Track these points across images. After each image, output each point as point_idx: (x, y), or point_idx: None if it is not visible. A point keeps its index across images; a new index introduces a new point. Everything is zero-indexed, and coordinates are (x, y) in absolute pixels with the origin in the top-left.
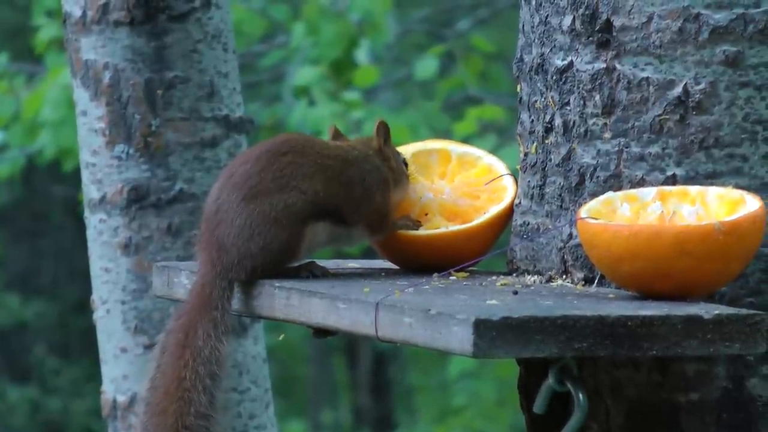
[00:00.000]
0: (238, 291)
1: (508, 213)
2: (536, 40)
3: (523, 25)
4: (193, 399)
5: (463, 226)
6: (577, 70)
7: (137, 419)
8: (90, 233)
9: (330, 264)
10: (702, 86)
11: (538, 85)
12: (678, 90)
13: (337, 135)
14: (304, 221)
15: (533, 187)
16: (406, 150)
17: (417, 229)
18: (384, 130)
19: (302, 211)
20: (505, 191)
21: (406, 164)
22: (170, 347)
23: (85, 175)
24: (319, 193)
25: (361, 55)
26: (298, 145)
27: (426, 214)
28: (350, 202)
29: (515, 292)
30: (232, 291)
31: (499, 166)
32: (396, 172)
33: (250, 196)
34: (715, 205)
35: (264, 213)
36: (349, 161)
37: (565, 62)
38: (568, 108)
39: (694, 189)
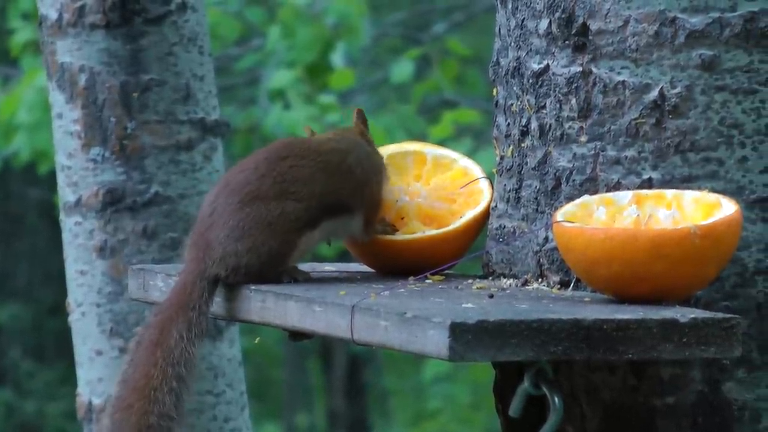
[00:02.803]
0: (216, 294)
1: (485, 217)
2: (512, 44)
3: (500, 29)
4: (158, 399)
5: (440, 231)
6: (554, 73)
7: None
8: (65, 236)
9: (306, 267)
10: (678, 90)
11: (514, 88)
12: (654, 94)
13: (361, 116)
14: (299, 231)
15: (509, 191)
16: (383, 152)
17: (393, 234)
18: (363, 116)
19: (298, 220)
20: (481, 195)
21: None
22: (144, 342)
23: (61, 178)
24: (318, 197)
25: (337, 58)
26: (296, 148)
27: (402, 218)
28: (352, 189)
29: (491, 296)
30: (212, 293)
31: (474, 169)
32: (381, 157)
33: (247, 200)
34: (691, 209)
35: (259, 217)
36: (346, 150)
37: (542, 66)
38: (545, 111)
39: (670, 193)
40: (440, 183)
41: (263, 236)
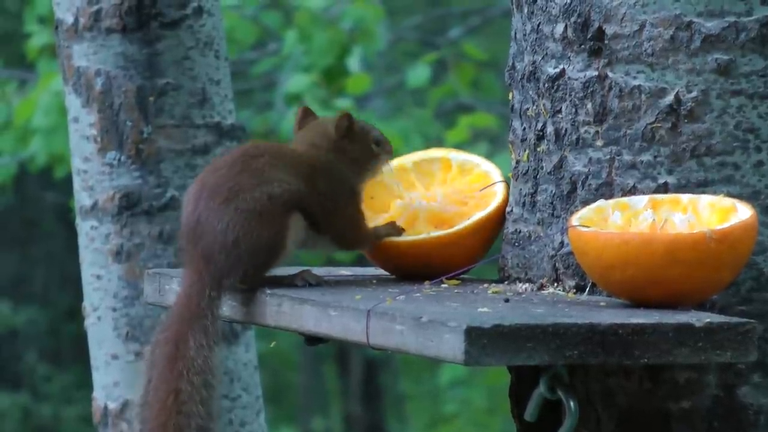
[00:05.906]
0: (230, 298)
1: (495, 219)
2: (528, 48)
3: (515, 33)
4: (192, 411)
5: (444, 232)
6: (569, 78)
7: (129, 427)
8: (81, 240)
9: (321, 271)
10: (694, 94)
11: (530, 92)
12: (670, 98)
13: (306, 114)
14: (287, 212)
15: (525, 195)
16: (409, 159)
17: (400, 236)
18: (345, 124)
19: (287, 201)
20: (493, 197)
21: (379, 141)
22: (160, 361)
23: (77, 182)
24: (302, 188)
25: (353, 62)
26: (270, 148)
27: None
28: (322, 211)
29: (507, 300)
30: (220, 300)
31: (495, 173)
32: (360, 161)
33: (230, 197)
34: (707, 214)
35: (247, 210)
36: (317, 169)
37: (557, 70)
38: (560, 116)
39: (685, 197)
40: (457, 187)
41: (256, 230)
